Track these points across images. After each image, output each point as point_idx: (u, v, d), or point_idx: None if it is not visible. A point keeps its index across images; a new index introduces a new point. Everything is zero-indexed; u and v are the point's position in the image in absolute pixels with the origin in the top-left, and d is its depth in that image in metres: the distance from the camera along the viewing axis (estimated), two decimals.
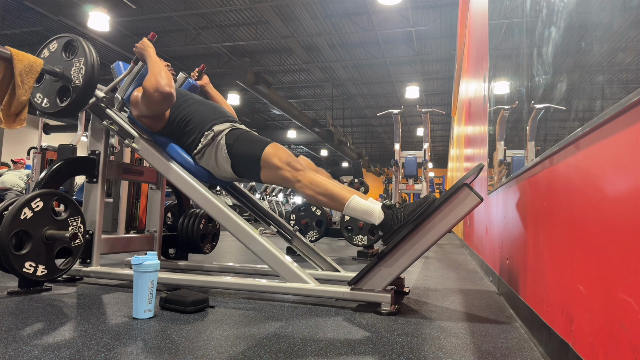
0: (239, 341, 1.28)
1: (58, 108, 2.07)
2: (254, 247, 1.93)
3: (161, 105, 2.06)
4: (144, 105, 2.09)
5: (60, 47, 2.13)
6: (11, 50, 1.93)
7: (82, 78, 2.02)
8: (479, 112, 3.50)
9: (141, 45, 2.17)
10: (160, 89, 1.99)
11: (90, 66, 2.03)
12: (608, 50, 0.88)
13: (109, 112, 2.22)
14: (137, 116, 2.20)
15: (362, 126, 20.26)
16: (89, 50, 2.05)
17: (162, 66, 2.08)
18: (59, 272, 1.92)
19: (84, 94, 2.04)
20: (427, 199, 1.70)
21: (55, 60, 2.11)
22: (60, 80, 2.07)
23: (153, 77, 2.02)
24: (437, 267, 3.38)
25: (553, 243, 1.18)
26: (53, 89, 2.09)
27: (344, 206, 1.82)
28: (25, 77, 1.95)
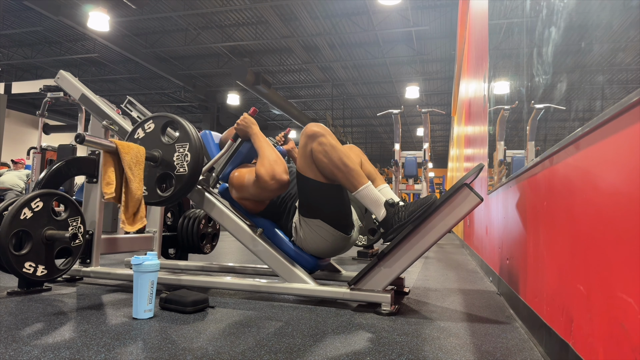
0: (239, 341, 1.28)
1: (160, 198, 1.89)
2: (253, 247, 1.93)
3: (276, 193, 1.91)
4: (254, 190, 1.92)
5: (158, 128, 1.95)
6: (116, 143, 1.83)
7: (188, 167, 1.85)
8: (479, 112, 3.50)
9: (243, 122, 2.02)
10: (277, 177, 1.84)
11: (196, 153, 1.86)
12: (608, 50, 0.88)
13: (209, 197, 2.03)
14: (237, 198, 2.03)
15: (362, 126, 20.26)
16: (193, 135, 1.88)
17: (273, 148, 1.93)
18: (59, 272, 1.92)
19: (190, 183, 1.88)
20: (428, 199, 1.70)
21: (152, 142, 1.94)
22: (160, 166, 1.91)
23: (267, 162, 1.86)
24: (437, 267, 3.38)
25: (553, 243, 1.18)
26: (152, 175, 1.91)
27: (357, 188, 1.75)
28: (134, 169, 1.81)
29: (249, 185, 1.94)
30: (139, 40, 10.95)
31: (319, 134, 1.78)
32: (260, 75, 10.76)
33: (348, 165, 1.75)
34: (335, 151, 1.76)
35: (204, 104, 14.80)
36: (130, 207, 1.81)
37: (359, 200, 1.79)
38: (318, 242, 1.90)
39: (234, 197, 2.04)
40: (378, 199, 1.77)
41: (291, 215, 2.00)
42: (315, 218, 1.86)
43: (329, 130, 1.82)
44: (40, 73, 13.29)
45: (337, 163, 1.75)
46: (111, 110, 2.27)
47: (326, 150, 1.76)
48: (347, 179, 1.76)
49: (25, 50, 11.70)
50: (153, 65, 11.42)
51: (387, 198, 1.78)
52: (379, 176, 1.98)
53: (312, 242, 1.90)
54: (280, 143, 2.38)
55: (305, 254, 1.96)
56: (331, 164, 1.75)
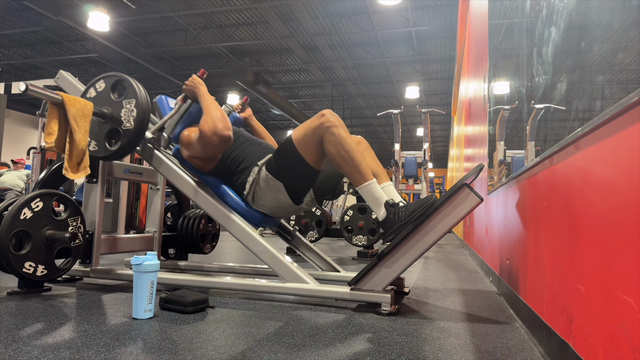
0: (239, 341, 1.28)
1: (108, 152, 2.00)
2: (253, 247, 1.93)
3: (219, 149, 1.98)
4: (199, 147, 2.00)
5: (108, 86, 2.04)
6: (62, 95, 1.88)
7: (134, 121, 1.95)
8: (479, 112, 3.50)
9: (191, 83, 2.09)
10: (219, 133, 1.91)
11: (142, 108, 1.95)
12: (608, 50, 0.88)
13: (158, 154, 2.13)
14: (187, 157, 2.10)
15: (362, 126, 20.26)
16: (140, 91, 1.98)
17: (218, 106, 1.99)
18: (58, 272, 1.92)
19: (136, 137, 1.97)
20: (429, 199, 1.70)
21: (103, 100, 2.03)
22: (109, 122, 2.00)
23: (210, 119, 1.93)
24: (437, 267, 3.38)
25: (553, 243, 1.18)
26: (102, 131, 2.01)
27: (361, 184, 1.78)
28: (79, 121, 1.88)
29: (195, 142, 2.01)
30: (139, 40, 10.95)
31: (333, 125, 1.80)
32: (260, 75, 10.76)
33: (355, 160, 1.78)
34: (345, 144, 1.79)
35: None
36: (74, 157, 1.89)
37: (362, 195, 1.81)
38: (270, 201, 2.01)
39: (184, 155, 2.11)
40: (379, 198, 1.77)
41: (243, 175, 2.06)
42: (279, 181, 1.94)
43: (343, 123, 1.84)
44: (40, 73, 13.29)
45: (345, 156, 1.78)
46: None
47: (337, 142, 1.79)
48: (352, 173, 1.79)
49: (25, 50, 11.70)
50: (153, 65, 11.42)
51: (388, 198, 1.78)
52: (384, 173, 1.99)
53: (265, 199, 2.01)
54: (238, 110, 2.48)
55: (253, 209, 2.06)
56: (338, 156, 1.79)
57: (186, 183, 2.06)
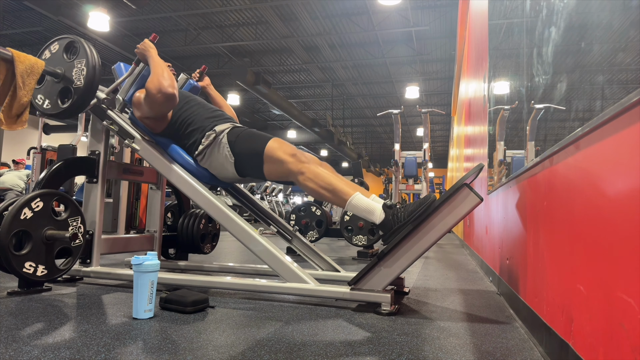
0: (239, 341, 1.28)
1: (59, 109, 2.07)
2: (254, 247, 1.93)
3: (164, 107, 2.06)
4: (146, 106, 2.09)
5: (61, 48, 2.12)
6: (12, 52, 1.93)
7: (84, 79, 2.02)
8: (479, 112, 3.50)
9: (142, 46, 2.16)
10: (163, 90, 1.99)
11: (92, 67, 2.03)
12: (608, 50, 0.88)
13: (110, 113, 2.23)
14: (139, 117, 2.20)
15: (362, 126, 20.26)
16: (90, 52, 2.05)
17: (164, 67, 2.07)
18: (59, 272, 1.92)
19: (86, 95, 2.04)
20: (427, 199, 1.70)
21: (57, 61, 2.10)
22: (62, 81, 2.07)
23: (156, 78, 2.02)
24: (437, 267, 3.38)
25: (553, 243, 1.18)
26: (54, 90, 2.09)
27: (346, 202, 1.81)
28: (26, 79, 1.94)
29: (143, 101, 2.11)
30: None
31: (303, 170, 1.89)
32: (260, 75, 10.75)
33: (332, 184, 1.86)
34: (318, 179, 1.87)
35: None
36: (14, 109, 1.94)
37: (353, 212, 1.88)
38: (218, 166, 2.12)
39: (137, 116, 2.21)
40: (368, 205, 1.79)
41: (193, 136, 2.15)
42: (233, 156, 2.06)
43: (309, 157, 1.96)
44: None
45: (322, 190, 1.87)
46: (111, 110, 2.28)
47: (313, 180, 1.88)
48: (336, 198, 1.85)
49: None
50: None
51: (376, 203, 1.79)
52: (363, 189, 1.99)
53: (215, 162, 2.12)
54: (196, 79, 2.60)
55: (202, 168, 2.17)
56: (316, 194, 1.89)
57: (138, 141, 2.16)
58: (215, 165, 2.12)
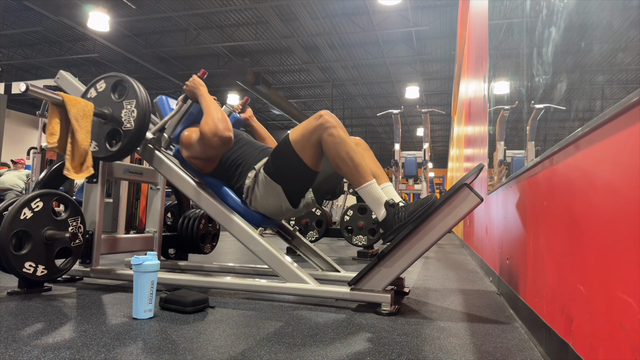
0: (239, 341, 1.28)
1: (108, 153, 1.99)
2: (253, 247, 1.93)
3: (219, 150, 1.98)
4: (199, 148, 1.99)
5: (108, 87, 2.04)
6: (62, 95, 1.88)
7: (134, 122, 1.94)
8: (479, 112, 3.50)
9: (192, 83, 2.08)
10: (220, 134, 1.90)
11: (142, 109, 1.95)
12: (608, 50, 0.88)
13: (159, 155, 2.12)
14: (187, 157, 2.10)
15: (362, 126, 20.26)
16: (140, 92, 1.97)
17: (218, 108, 1.99)
18: (59, 272, 1.92)
19: (136, 138, 1.97)
20: (428, 199, 1.70)
21: (104, 101, 2.02)
22: (110, 123, 1.99)
23: (211, 120, 1.92)
24: (437, 267, 3.38)
25: (553, 243, 1.18)
26: (102, 132, 2.00)
27: (361, 184, 1.77)
28: (81, 121, 1.88)
29: (195, 143, 2.01)
30: (139, 40, 10.95)
31: (331, 125, 1.79)
32: (260, 75, 10.77)
33: (355, 161, 1.78)
34: (345, 145, 1.78)
35: None
36: (77, 157, 1.89)
37: (361, 196, 1.81)
38: (269, 203, 1.99)
39: (185, 156, 2.11)
40: (379, 198, 1.77)
41: (242, 178, 2.05)
42: (278, 183, 1.93)
43: (341, 123, 1.84)
44: (40, 73, 13.29)
45: (344, 157, 1.78)
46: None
47: (336, 142, 1.78)
48: (352, 174, 1.78)
49: (25, 50, 11.70)
50: (153, 65, 11.42)
51: (388, 198, 1.78)
52: (383, 174, 1.98)
53: (263, 201, 1.99)
54: (238, 111, 2.47)
55: (253, 211, 2.06)
56: (337, 157, 1.78)
57: (187, 184, 2.05)
58: (265, 203, 1.99)
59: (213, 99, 2.05)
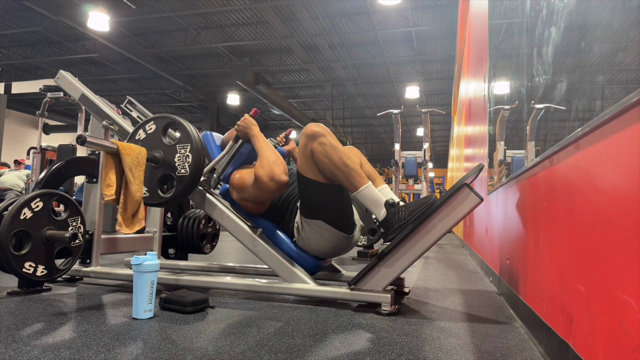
0: (239, 341, 1.28)
1: (162, 199, 1.88)
2: (253, 247, 1.93)
3: (275, 194, 1.90)
4: (254, 191, 1.91)
5: (159, 129, 1.94)
6: (117, 144, 1.81)
7: (189, 167, 1.85)
8: (479, 112, 3.50)
9: (244, 123, 2.02)
10: (277, 179, 1.83)
11: (197, 154, 1.86)
12: (608, 50, 0.88)
13: (210, 198, 2.03)
14: (238, 199, 2.03)
15: (362, 126, 20.25)
16: (194, 136, 1.88)
17: (273, 150, 1.93)
18: (58, 272, 1.92)
19: (192, 184, 1.88)
20: (428, 199, 1.70)
21: (153, 143, 1.93)
22: (161, 167, 1.90)
23: (267, 164, 1.86)
24: (437, 267, 3.38)
25: (553, 243, 1.18)
26: (153, 177, 1.90)
27: (357, 189, 1.76)
28: (135, 171, 1.80)
29: (248, 186, 1.93)
30: (139, 40, 10.95)
31: (319, 134, 1.78)
32: (260, 75, 10.75)
33: (348, 165, 1.76)
34: (336, 151, 1.76)
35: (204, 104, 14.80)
36: (129, 209, 1.80)
37: (359, 201, 1.80)
38: (320, 243, 1.90)
39: (235, 198, 2.03)
40: (378, 199, 1.77)
41: (293, 216, 2.00)
42: (317, 219, 1.86)
43: (329, 131, 1.82)
44: (40, 73, 13.29)
45: (338, 163, 1.75)
46: (111, 110, 2.27)
47: (326, 150, 1.76)
48: (348, 179, 1.76)
49: (25, 50, 11.69)
50: (153, 65, 11.42)
51: (387, 198, 1.78)
52: (379, 177, 1.99)
53: (314, 242, 1.91)
54: (281, 144, 2.36)
55: (307, 254, 1.96)
56: (331, 164, 1.76)
57: (241, 229, 1.97)
58: (316, 243, 1.91)
59: (266, 140, 1.99)
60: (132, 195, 1.79)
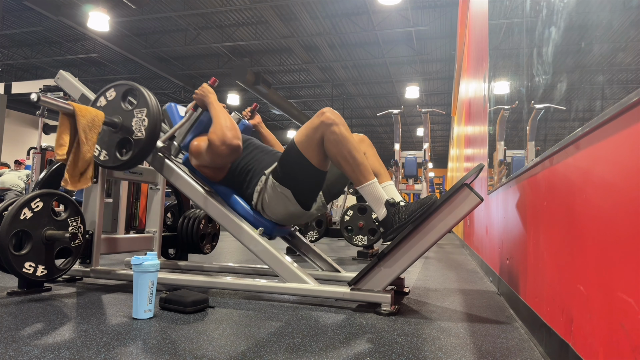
0: (239, 341, 1.28)
1: (119, 162, 1.97)
2: (253, 247, 1.93)
3: (228, 158, 1.96)
4: (208, 157, 1.97)
5: (119, 95, 2.01)
6: (74, 105, 1.85)
7: (145, 131, 1.92)
8: (479, 112, 3.50)
9: (201, 91, 2.07)
10: (228, 142, 1.88)
11: (154, 118, 1.93)
12: (608, 50, 0.88)
13: (169, 162, 2.11)
14: (196, 166, 2.09)
15: (362, 126, 20.26)
16: (151, 100, 1.95)
17: (227, 115, 1.97)
18: (58, 272, 1.92)
19: (148, 147, 1.95)
20: (429, 199, 1.70)
21: (114, 109, 2.00)
22: (120, 131, 1.97)
23: (219, 128, 1.91)
24: (437, 267, 3.38)
25: (553, 243, 1.18)
26: (112, 141, 1.98)
27: (362, 183, 1.77)
28: (88, 133, 1.85)
29: (204, 151, 1.99)
30: (139, 40, 10.95)
31: (333, 123, 1.78)
32: (260, 75, 10.76)
33: (356, 159, 1.77)
34: (347, 143, 1.77)
35: None
36: (79, 168, 1.86)
37: (362, 195, 1.81)
38: (278, 208, 1.97)
39: (194, 164, 2.10)
40: (380, 197, 1.77)
41: (252, 185, 2.03)
42: (287, 188, 1.91)
43: (343, 120, 1.82)
44: (40, 73, 13.29)
45: (346, 155, 1.77)
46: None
47: (338, 140, 1.77)
48: (354, 172, 1.77)
49: (25, 50, 11.69)
50: (153, 65, 11.42)
51: (389, 197, 1.78)
52: (385, 172, 1.98)
53: (273, 205, 1.97)
54: (247, 118, 2.46)
55: (263, 218, 2.03)
56: (339, 155, 1.77)
57: (197, 192, 2.04)
58: (274, 208, 1.97)
59: (222, 107, 2.03)
60: (82, 155, 1.85)
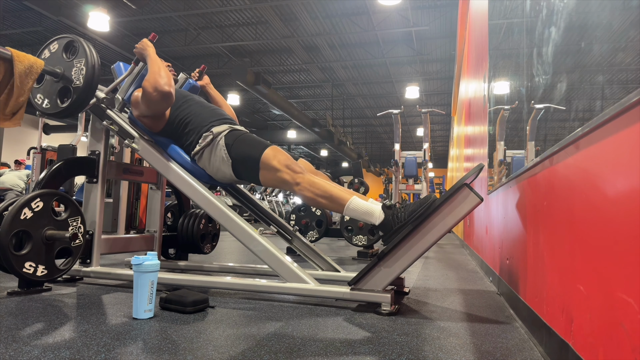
0: (239, 341, 1.28)
1: (59, 109, 2.07)
2: (254, 247, 1.93)
3: (160, 105, 2.06)
4: (143, 104, 2.09)
5: (60, 47, 2.12)
6: (12, 51, 1.92)
7: (83, 79, 2.03)
8: (479, 112, 3.50)
9: (141, 45, 2.17)
10: (159, 88, 1.99)
11: (91, 67, 2.03)
12: (608, 50, 0.88)
13: (110, 112, 2.24)
14: (137, 116, 2.21)
15: (362, 126, 20.26)
16: (90, 51, 2.05)
17: (161, 65, 2.07)
18: (59, 272, 1.92)
19: (85, 94, 2.05)
20: (428, 199, 1.70)
21: (56, 60, 2.11)
22: (61, 81, 2.07)
23: (152, 76, 2.03)
24: (437, 267, 3.38)
25: (553, 243, 1.18)
26: (54, 90, 2.09)
27: (344, 207, 1.82)
28: (24, 79, 1.93)
29: (140, 100, 2.11)
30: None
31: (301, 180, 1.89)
32: (260, 75, 10.75)
33: (329, 191, 1.86)
34: (318, 186, 1.87)
35: None
36: (10, 107, 1.92)
37: (351, 217, 1.90)
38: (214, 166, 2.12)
39: (135, 115, 2.22)
40: (367, 208, 1.80)
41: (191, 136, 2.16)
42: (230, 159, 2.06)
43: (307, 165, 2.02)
44: None
45: (322, 194, 1.87)
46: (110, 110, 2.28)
47: (310, 189, 1.88)
48: (333, 203, 1.85)
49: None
50: None
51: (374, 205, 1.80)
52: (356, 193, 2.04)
53: (213, 164, 2.11)
54: (195, 78, 2.59)
55: (200, 168, 2.18)
56: (318, 198, 1.87)
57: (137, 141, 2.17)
58: (212, 166, 2.12)
59: (160, 60, 2.12)
60: (15, 96, 1.92)
